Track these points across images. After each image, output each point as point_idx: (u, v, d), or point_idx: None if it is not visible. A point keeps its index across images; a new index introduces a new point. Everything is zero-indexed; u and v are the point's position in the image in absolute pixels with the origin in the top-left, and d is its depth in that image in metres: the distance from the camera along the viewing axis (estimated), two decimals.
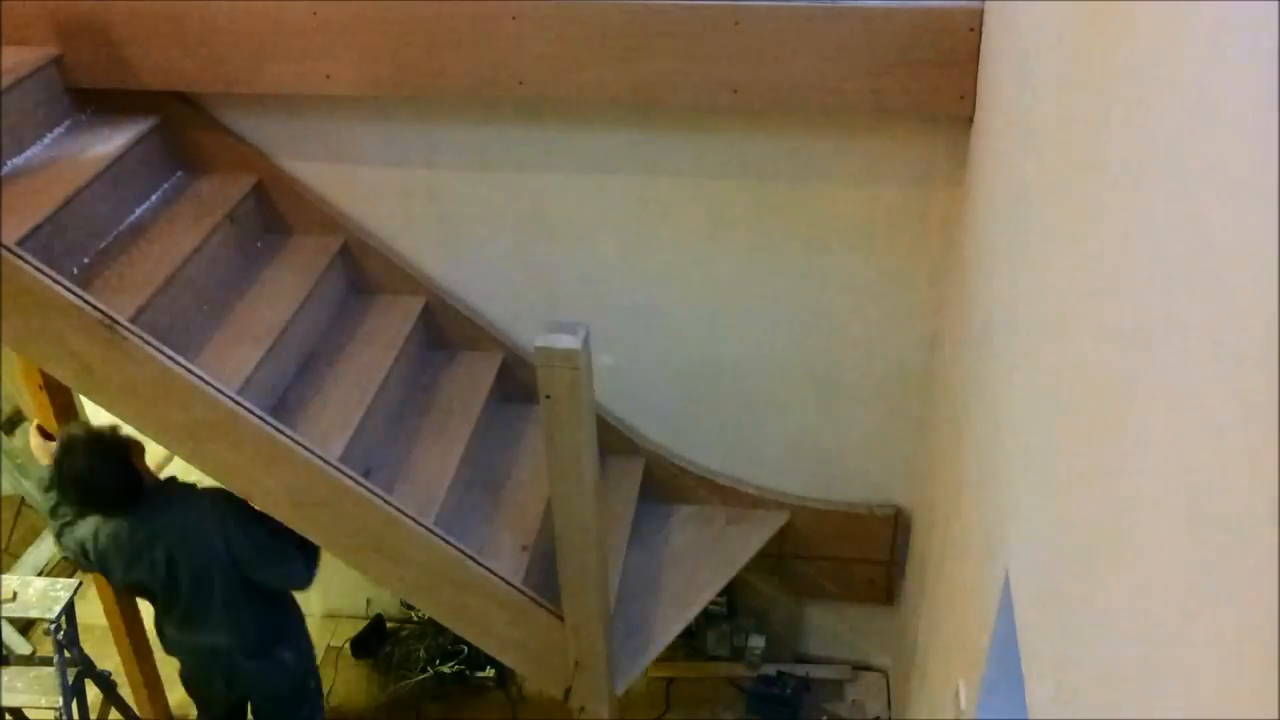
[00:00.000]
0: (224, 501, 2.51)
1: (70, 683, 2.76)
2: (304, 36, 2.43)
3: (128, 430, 2.44)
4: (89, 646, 2.97)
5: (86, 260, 2.39)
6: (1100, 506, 1.07)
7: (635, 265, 2.79)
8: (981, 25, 2.19)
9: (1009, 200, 1.81)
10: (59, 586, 2.83)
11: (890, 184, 2.54)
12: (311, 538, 2.40)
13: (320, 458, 2.24)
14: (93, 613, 3.74)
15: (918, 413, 2.86)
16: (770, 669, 3.36)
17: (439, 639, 3.48)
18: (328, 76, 2.48)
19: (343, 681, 3.51)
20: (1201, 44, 0.87)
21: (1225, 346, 0.76)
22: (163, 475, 2.72)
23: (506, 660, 2.65)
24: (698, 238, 2.71)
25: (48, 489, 2.67)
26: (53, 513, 2.68)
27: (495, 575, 2.38)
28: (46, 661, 2.88)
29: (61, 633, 2.73)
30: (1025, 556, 1.42)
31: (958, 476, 2.16)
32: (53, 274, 2.10)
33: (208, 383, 2.17)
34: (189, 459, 2.34)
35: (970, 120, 2.32)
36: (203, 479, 2.48)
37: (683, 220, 2.69)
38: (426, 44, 2.40)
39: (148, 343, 2.14)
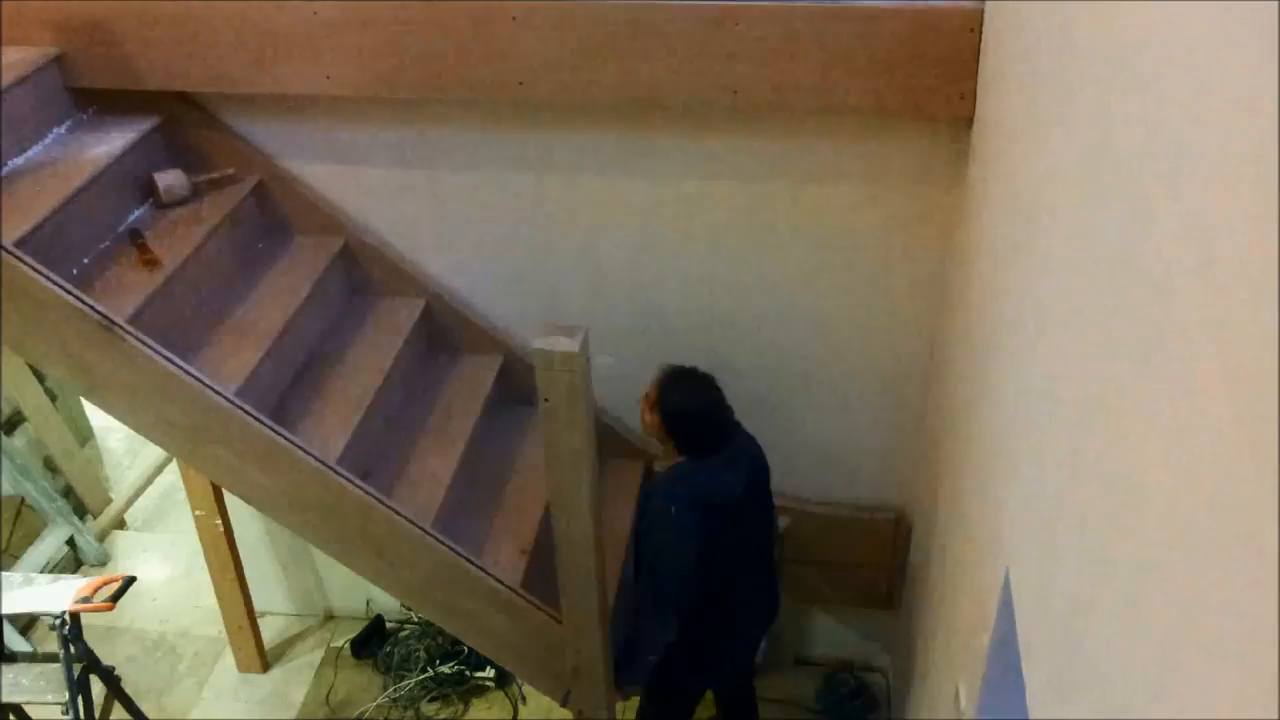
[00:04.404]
0: None
1: (75, 678, 2.77)
2: (304, 36, 2.43)
3: None
4: (91, 643, 2.97)
5: (86, 260, 2.39)
6: (1101, 506, 1.06)
7: (635, 266, 2.78)
8: (981, 25, 2.18)
9: (1009, 200, 1.81)
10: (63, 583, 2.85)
11: (890, 184, 2.54)
12: (310, 539, 2.40)
13: (319, 460, 2.23)
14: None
15: (918, 414, 2.86)
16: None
17: (439, 639, 3.48)
18: (328, 76, 2.48)
19: (343, 681, 3.51)
20: (1202, 42, 0.87)
21: (1226, 346, 0.76)
22: (160, 479, 2.71)
23: (505, 664, 2.64)
24: (697, 238, 2.71)
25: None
26: None
27: (494, 578, 2.37)
28: (49, 658, 2.89)
29: (67, 628, 2.74)
30: (1025, 556, 1.42)
31: (958, 477, 2.16)
32: (52, 275, 2.10)
33: (207, 384, 2.17)
34: (188, 460, 2.34)
35: (970, 120, 2.31)
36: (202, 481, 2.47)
37: (682, 220, 2.69)
38: (426, 44, 2.40)
39: (147, 344, 2.13)
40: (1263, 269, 0.68)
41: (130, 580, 2.84)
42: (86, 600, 2.72)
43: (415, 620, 3.57)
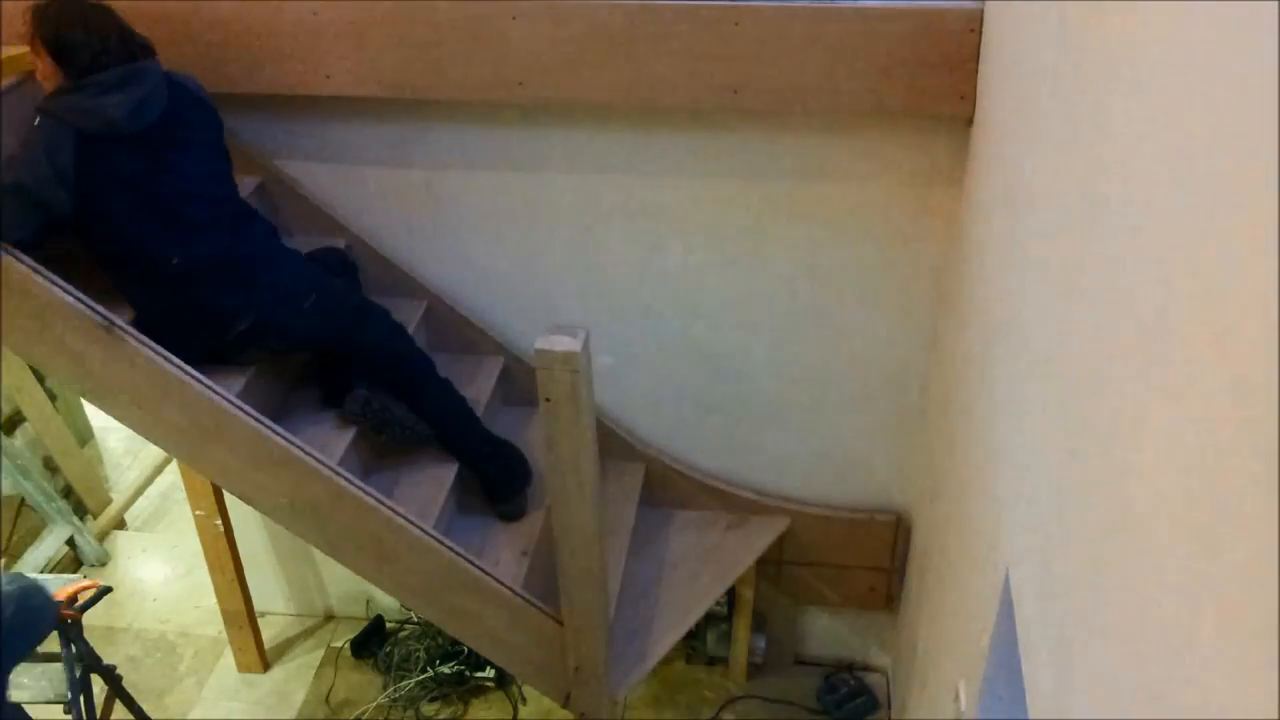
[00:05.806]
0: None
1: (77, 677, 2.77)
2: (304, 36, 2.43)
3: None
4: (91, 643, 2.97)
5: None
6: (1100, 506, 1.06)
7: (635, 266, 2.78)
8: (981, 25, 2.18)
9: (1009, 200, 1.81)
10: (63, 583, 2.84)
11: (890, 184, 2.54)
12: (310, 540, 2.39)
13: (320, 461, 2.23)
14: (92, 611, 3.74)
15: (918, 414, 2.86)
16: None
17: (439, 639, 3.48)
18: (328, 77, 2.48)
19: (343, 681, 3.51)
20: (1201, 43, 0.87)
21: (1225, 345, 0.76)
22: (160, 479, 2.70)
23: (506, 665, 2.64)
24: (697, 239, 2.71)
25: None
26: None
27: (495, 579, 2.37)
28: (50, 658, 2.89)
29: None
30: (1025, 556, 1.42)
31: (958, 476, 2.16)
32: (52, 275, 2.10)
33: (207, 385, 2.16)
34: (188, 461, 2.34)
35: (970, 120, 2.32)
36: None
37: (682, 221, 2.69)
38: (426, 44, 2.40)
39: (147, 344, 2.13)
40: (1263, 269, 0.68)
41: (105, 590, 2.80)
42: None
43: (415, 620, 3.57)
